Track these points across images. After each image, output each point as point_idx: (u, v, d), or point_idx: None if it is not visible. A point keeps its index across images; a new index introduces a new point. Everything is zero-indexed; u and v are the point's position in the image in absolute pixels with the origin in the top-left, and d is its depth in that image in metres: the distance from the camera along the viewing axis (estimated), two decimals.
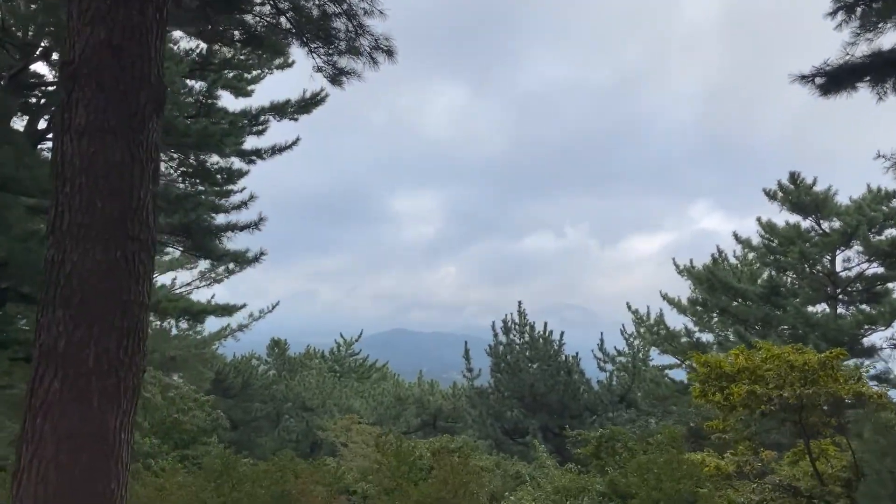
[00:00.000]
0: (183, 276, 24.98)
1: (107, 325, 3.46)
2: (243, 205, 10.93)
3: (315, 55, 7.14)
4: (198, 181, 12.01)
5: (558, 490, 11.01)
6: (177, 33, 12.78)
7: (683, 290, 22.70)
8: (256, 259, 11.03)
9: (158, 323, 25.25)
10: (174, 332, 25.24)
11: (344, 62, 6.99)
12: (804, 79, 7.25)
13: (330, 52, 7.04)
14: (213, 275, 23.60)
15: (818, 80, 7.22)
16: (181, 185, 10.84)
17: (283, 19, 7.42)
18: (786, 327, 17.98)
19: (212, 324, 25.51)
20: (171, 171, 12.43)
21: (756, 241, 18.80)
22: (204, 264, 24.12)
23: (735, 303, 19.14)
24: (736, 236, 19.31)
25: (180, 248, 11.11)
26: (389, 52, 6.02)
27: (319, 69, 7.23)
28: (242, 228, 10.60)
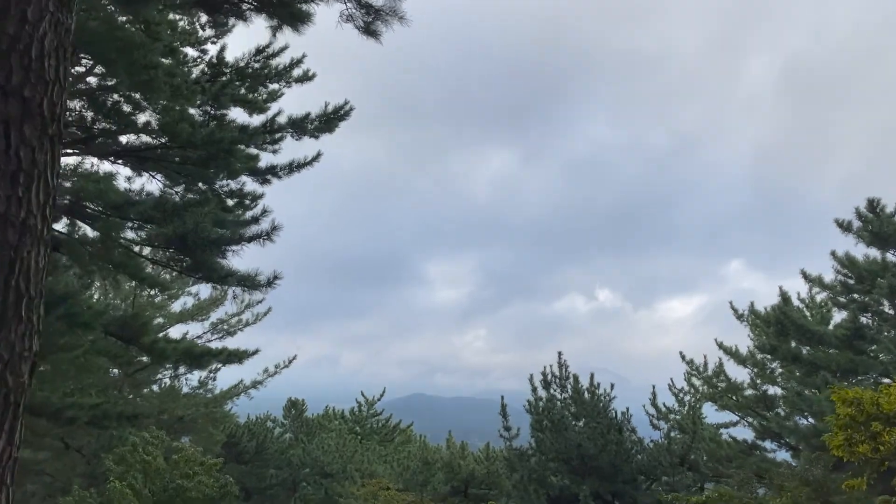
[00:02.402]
0: (194, 329, 23.34)
1: None
2: (255, 220, 9.23)
3: None
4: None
5: None
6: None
7: (733, 342, 20.60)
8: (269, 283, 9.25)
9: (168, 381, 23.52)
10: (185, 390, 23.46)
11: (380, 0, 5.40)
12: None
13: None
14: (225, 326, 21.91)
15: None
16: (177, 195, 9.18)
17: None
18: (870, 375, 15.81)
19: (224, 380, 23.72)
20: (175, 197, 10.84)
21: (829, 278, 16.78)
22: (217, 314, 22.49)
23: (805, 349, 17.02)
24: (805, 274, 17.28)
25: (175, 269, 9.38)
26: None
27: (349, 17, 5.63)
28: (251, 239, 8.85)
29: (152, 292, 21.55)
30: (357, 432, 28.54)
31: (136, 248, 8.98)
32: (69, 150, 10.12)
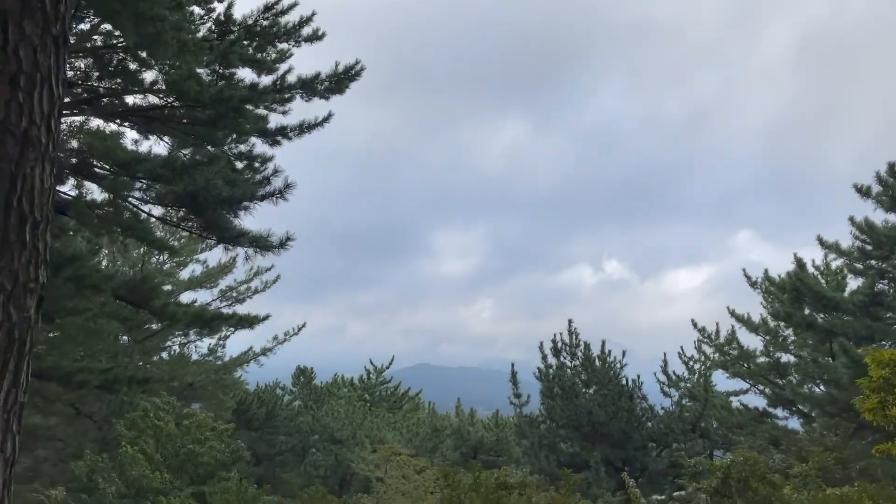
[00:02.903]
0: (203, 296, 23.28)
1: None
2: (266, 180, 8.98)
3: None
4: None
5: None
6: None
7: (743, 311, 20.34)
8: (282, 245, 9.04)
9: (177, 348, 23.53)
10: (194, 357, 23.48)
11: None
12: None
13: None
14: (234, 293, 21.83)
15: None
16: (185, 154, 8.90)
17: None
18: (887, 342, 15.63)
19: (233, 347, 23.74)
20: (184, 158, 10.59)
21: (845, 244, 16.49)
22: (225, 281, 22.39)
23: (820, 317, 16.82)
24: (821, 241, 16.98)
25: (187, 229, 9.18)
26: None
27: None
28: (264, 198, 8.63)
29: (161, 258, 21.47)
30: (366, 399, 28.62)
31: (147, 208, 8.79)
32: (74, 111, 9.88)
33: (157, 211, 8.73)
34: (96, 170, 8.19)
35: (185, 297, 21.63)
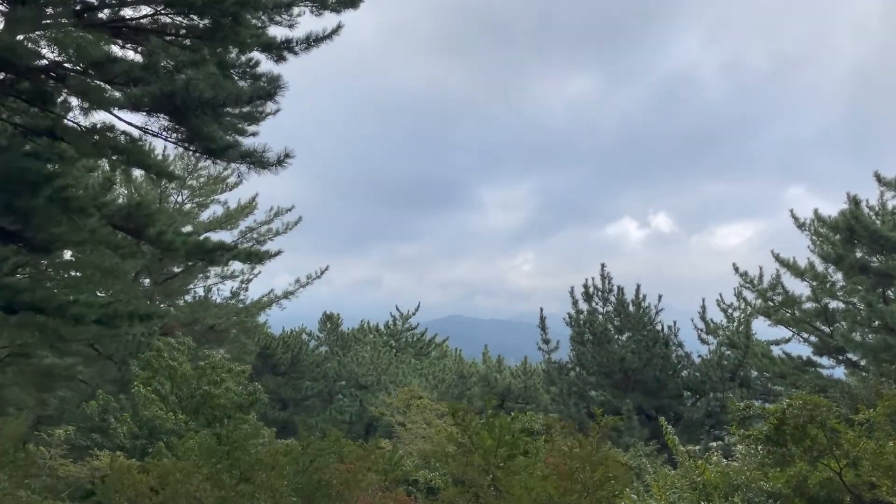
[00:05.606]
0: (224, 238, 22.73)
1: None
2: (255, 80, 8.00)
3: None
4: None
5: (696, 487, 7.96)
6: None
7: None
8: (280, 162, 8.12)
9: (201, 291, 23.16)
10: (217, 300, 23.11)
11: None
12: None
13: None
14: (255, 234, 21.26)
15: None
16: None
17: None
18: None
19: (255, 290, 23.30)
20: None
21: None
22: (246, 222, 21.80)
23: (875, 259, 15.60)
24: (878, 177, 15.65)
25: (170, 140, 8.35)
26: None
27: None
28: (251, 99, 7.73)
29: (180, 199, 20.93)
30: (392, 346, 28.15)
31: (121, 115, 7.94)
32: (61, 21, 9.05)
33: (138, 120, 7.87)
34: (69, 71, 7.37)
35: None
